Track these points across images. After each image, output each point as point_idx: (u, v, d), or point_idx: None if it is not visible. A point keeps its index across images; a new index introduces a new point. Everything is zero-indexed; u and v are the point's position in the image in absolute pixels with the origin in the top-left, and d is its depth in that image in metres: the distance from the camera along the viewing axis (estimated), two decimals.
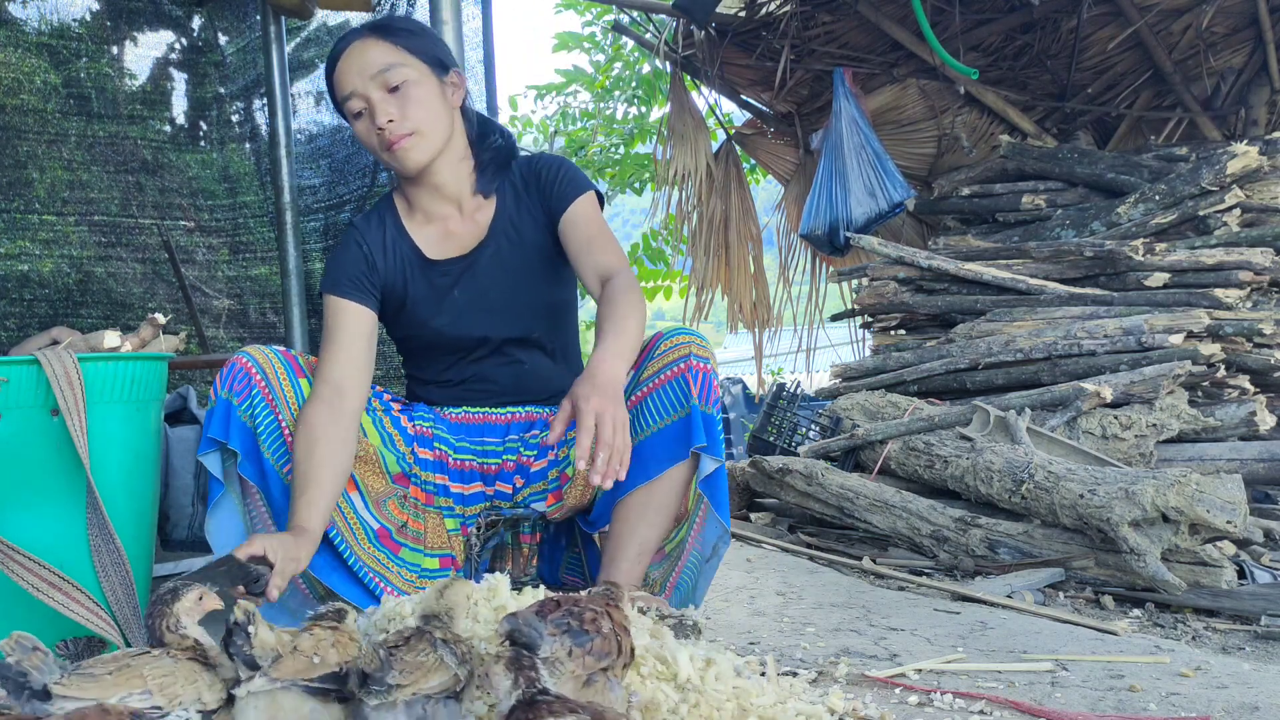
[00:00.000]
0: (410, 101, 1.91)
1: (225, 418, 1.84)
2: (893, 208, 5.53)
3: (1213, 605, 2.43)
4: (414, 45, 1.94)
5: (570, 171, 2.03)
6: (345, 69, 1.92)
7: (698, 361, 1.82)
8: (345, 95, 1.93)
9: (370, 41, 1.92)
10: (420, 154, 1.93)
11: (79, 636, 1.67)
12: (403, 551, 1.94)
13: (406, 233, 2.04)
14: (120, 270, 5.60)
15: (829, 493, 3.27)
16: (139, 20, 5.64)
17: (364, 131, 1.94)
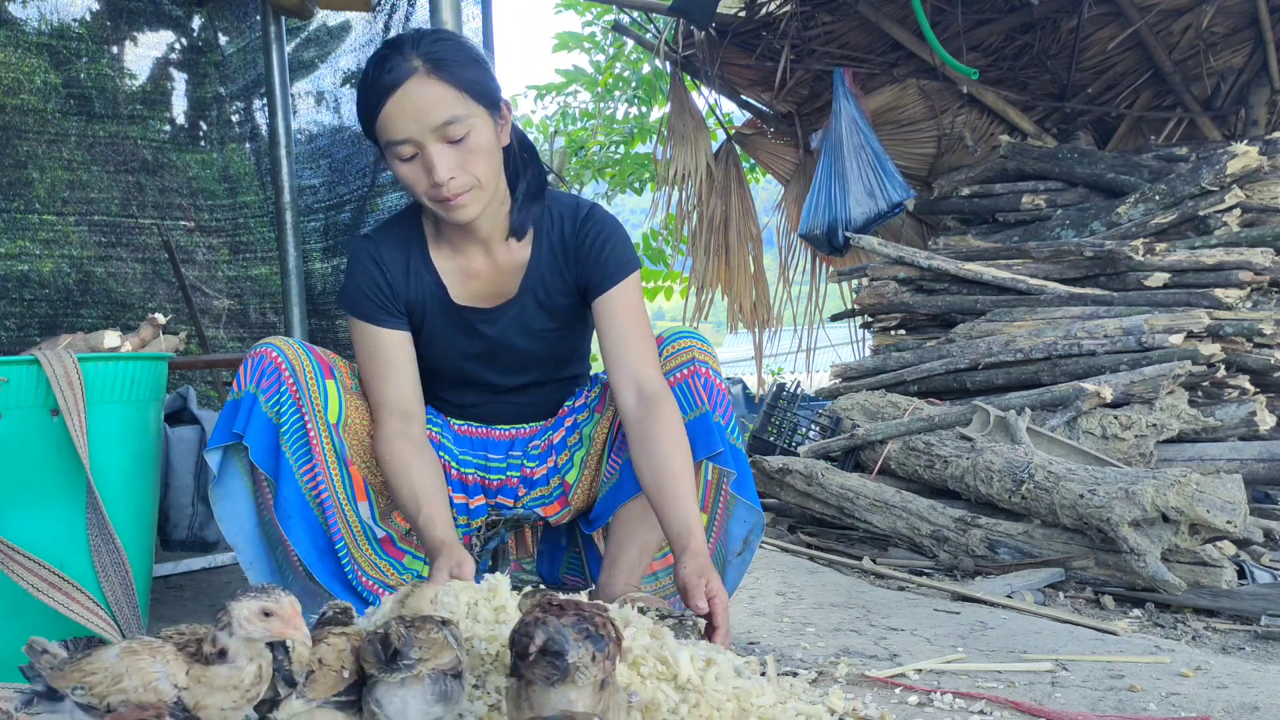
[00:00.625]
0: (471, 155, 1.72)
1: (249, 411, 1.77)
2: (892, 208, 5.53)
3: (1213, 605, 2.43)
4: (474, 85, 1.72)
5: (617, 248, 1.87)
6: (398, 113, 1.69)
7: (702, 367, 1.81)
8: (397, 140, 1.71)
9: (429, 83, 1.68)
10: (476, 208, 1.76)
11: (79, 636, 1.68)
12: (406, 559, 1.93)
13: (432, 264, 1.89)
14: (120, 270, 5.60)
15: (829, 493, 3.27)
16: (139, 20, 5.64)
17: (410, 175, 1.73)
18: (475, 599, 1.42)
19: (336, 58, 5.53)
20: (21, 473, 1.64)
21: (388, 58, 1.70)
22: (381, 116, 1.69)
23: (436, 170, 1.69)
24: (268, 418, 1.78)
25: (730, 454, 1.80)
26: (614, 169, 9.06)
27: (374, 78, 1.70)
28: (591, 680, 1.09)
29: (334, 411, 1.87)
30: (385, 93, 1.68)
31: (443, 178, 1.69)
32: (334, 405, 1.87)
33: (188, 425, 2.53)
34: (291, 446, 1.79)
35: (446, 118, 1.68)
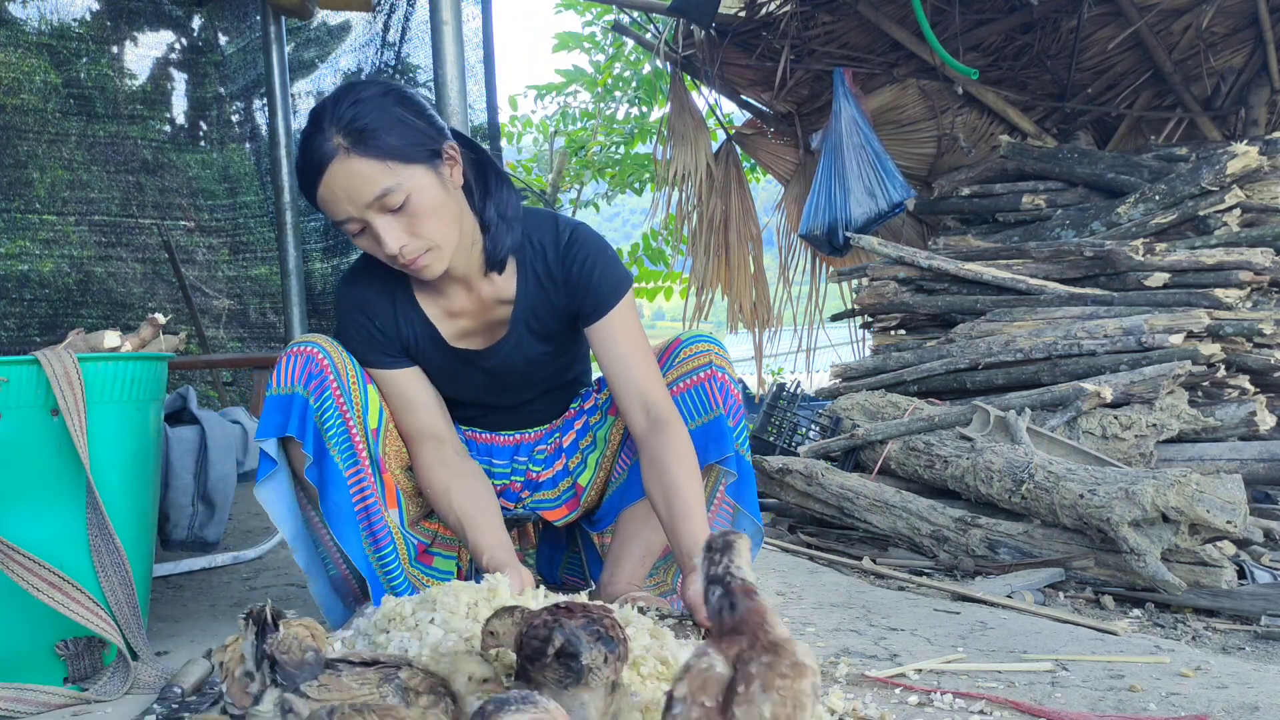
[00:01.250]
0: (417, 219, 1.65)
1: (302, 414, 1.75)
2: (893, 208, 5.53)
3: (1213, 605, 2.43)
4: (402, 149, 1.63)
5: (605, 271, 1.81)
6: (330, 197, 1.64)
7: (719, 372, 1.80)
8: (338, 220, 1.68)
9: (352, 161, 1.61)
10: (440, 265, 1.71)
11: (79, 636, 1.68)
12: (436, 561, 1.93)
13: (419, 307, 1.85)
14: (120, 270, 5.60)
15: (829, 493, 3.27)
16: (139, 20, 5.64)
17: (367, 246, 1.70)
18: (475, 599, 1.42)
19: (336, 58, 5.54)
20: (21, 473, 1.64)
21: (311, 138, 1.64)
22: (318, 200, 1.66)
23: (385, 244, 1.64)
24: (315, 422, 1.76)
25: (736, 459, 1.80)
26: (614, 169, 9.06)
27: (301, 161, 1.66)
28: (604, 682, 1.09)
29: (374, 416, 1.86)
30: (314, 176, 1.64)
31: (393, 250, 1.65)
32: (374, 410, 1.86)
33: (188, 425, 2.52)
34: (340, 452, 1.77)
35: (378, 192, 1.61)
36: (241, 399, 5.42)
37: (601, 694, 1.09)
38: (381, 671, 1.12)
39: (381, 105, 1.64)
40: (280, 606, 2.24)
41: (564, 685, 1.08)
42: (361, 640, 1.44)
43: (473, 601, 1.41)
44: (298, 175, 1.67)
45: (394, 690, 1.10)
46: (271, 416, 1.76)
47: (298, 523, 1.86)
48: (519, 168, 9.28)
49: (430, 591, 1.47)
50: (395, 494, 1.89)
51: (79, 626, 1.63)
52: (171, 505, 2.40)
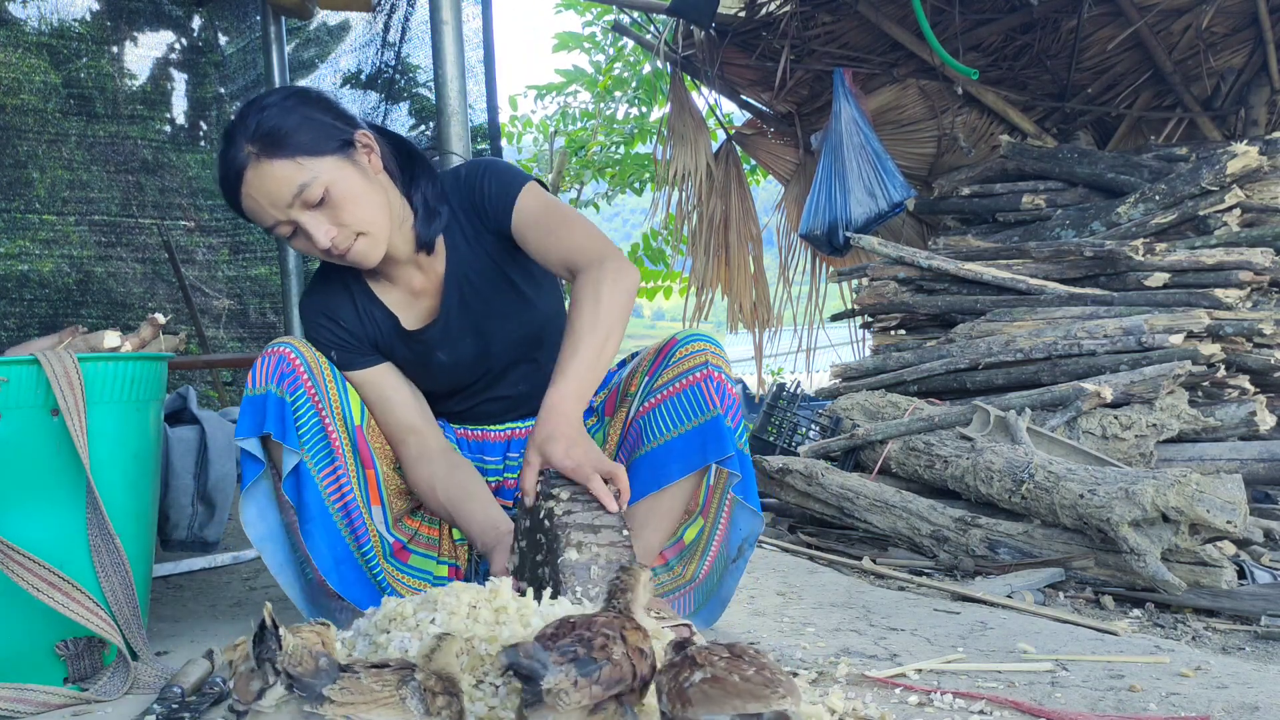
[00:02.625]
0: (340, 208, 1.70)
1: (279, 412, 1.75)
2: (893, 208, 5.53)
3: (1213, 605, 2.43)
4: (311, 143, 1.68)
5: (499, 177, 1.84)
6: (254, 205, 1.71)
7: (715, 371, 1.79)
8: (268, 226, 1.73)
9: (263, 166, 1.66)
10: (376, 251, 1.76)
11: (79, 636, 1.68)
12: (413, 559, 1.93)
13: (377, 299, 1.90)
14: (120, 270, 5.60)
15: (829, 493, 3.27)
16: (139, 20, 5.64)
17: (302, 247, 1.75)
18: (476, 600, 1.42)
19: (336, 58, 5.54)
20: (21, 473, 1.64)
21: (224, 154, 1.70)
22: (244, 211, 1.72)
23: (316, 239, 1.69)
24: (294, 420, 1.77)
25: (739, 458, 1.80)
26: (614, 169, 9.06)
27: (220, 178, 1.71)
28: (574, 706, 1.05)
29: (356, 413, 1.87)
30: (234, 188, 1.70)
31: (324, 243, 1.70)
32: (355, 406, 1.87)
33: (188, 425, 2.52)
34: (311, 450, 1.78)
35: (295, 190, 1.67)
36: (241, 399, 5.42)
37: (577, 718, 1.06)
38: (399, 673, 1.11)
39: (284, 107, 1.70)
40: (279, 608, 2.24)
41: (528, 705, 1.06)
42: (362, 641, 1.44)
43: (474, 602, 1.41)
44: (222, 194, 1.73)
45: (412, 692, 1.09)
46: (247, 417, 1.77)
47: (273, 525, 1.86)
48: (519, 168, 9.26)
49: (432, 592, 1.47)
50: (379, 491, 1.89)
51: (79, 626, 1.63)
52: (171, 505, 2.40)
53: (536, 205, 1.81)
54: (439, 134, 3.38)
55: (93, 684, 1.65)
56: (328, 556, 1.80)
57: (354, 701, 1.05)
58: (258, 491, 1.82)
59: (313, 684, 1.04)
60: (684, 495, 1.85)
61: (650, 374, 1.85)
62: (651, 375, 1.85)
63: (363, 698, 1.06)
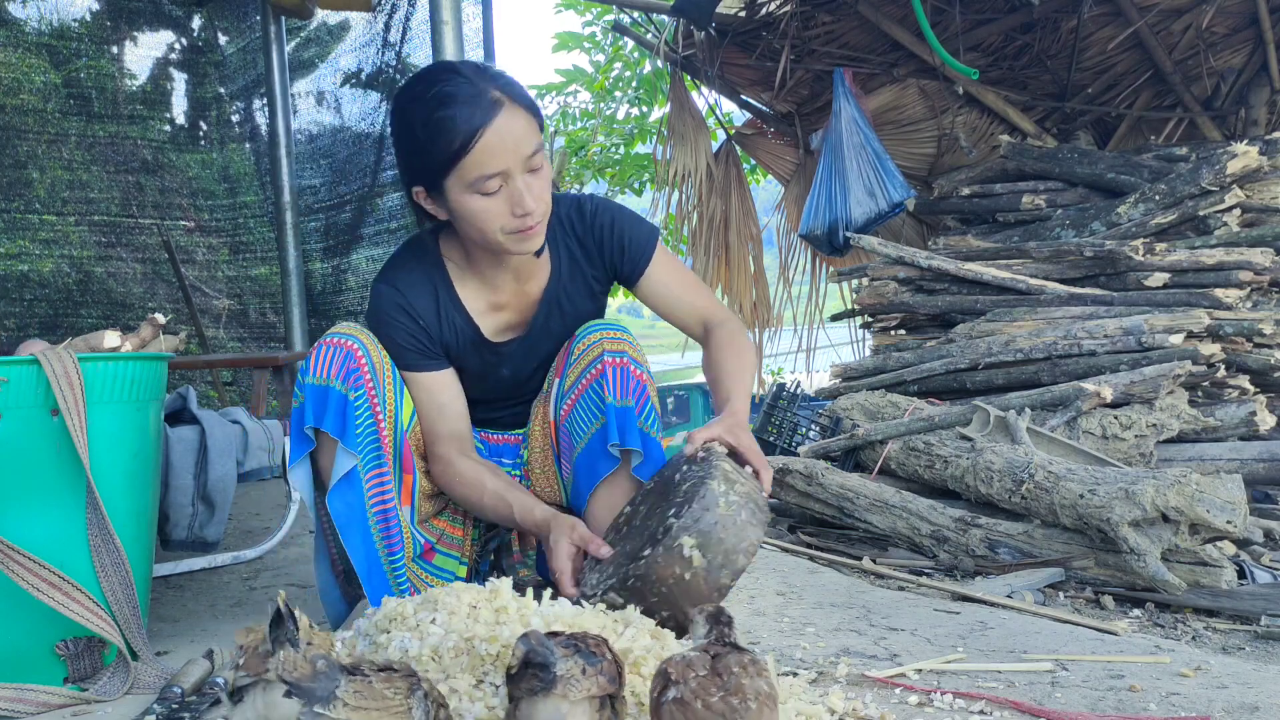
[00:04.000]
0: (544, 183, 1.71)
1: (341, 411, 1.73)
2: (893, 208, 5.53)
3: (1213, 605, 2.43)
4: (539, 114, 1.74)
5: (632, 228, 1.90)
6: (496, 146, 1.64)
7: (610, 358, 1.80)
8: (489, 174, 1.65)
9: (517, 113, 1.67)
10: (541, 240, 1.76)
11: (79, 636, 1.68)
12: (436, 558, 1.93)
13: (463, 306, 1.86)
14: (120, 270, 5.60)
15: (829, 493, 3.27)
16: (139, 20, 5.64)
17: (492, 209, 1.68)
18: (477, 600, 1.42)
19: (336, 57, 5.53)
20: (21, 473, 1.64)
21: (461, 94, 1.65)
22: (477, 151, 1.63)
23: (527, 200, 1.67)
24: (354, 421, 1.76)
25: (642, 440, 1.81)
26: (614, 169, 9.06)
27: (452, 118, 1.63)
28: (584, 694, 1.07)
29: (406, 417, 1.85)
30: (477, 128, 1.63)
31: (533, 207, 1.67)
32: (406, 410, 1.85)
33: (188, 425, 2.52)
34: (363, 453, 1.77)
35: (534, 147, 1.68)
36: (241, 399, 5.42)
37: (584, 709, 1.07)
38: (408, 680, 1.10)
39: (509, 76, 1.72)
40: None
41: (536, 693, 1.06)
42: (362, 640, 1.44)
43: (474, 602, 1.41)
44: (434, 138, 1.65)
45: (419, 701, 1.09)
46: (307, 407, 1.76)
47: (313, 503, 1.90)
48: None
49: (432, 592, 1.47)
50: (411, 491, 1.89)
51: (79, 626, 1.63)
52: (171, 505, 2.40)
53: (669, 268, 1.93)
54: None
55: (93, 684, 1.65)
56: (363, 559, 1.79)
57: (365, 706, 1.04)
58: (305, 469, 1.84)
59: (313, 688, 1.03)
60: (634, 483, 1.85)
61: (560, 375, 1.88)
62: (561, 376, 1.88)
63: (375, 703, 1.05)
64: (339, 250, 5.38)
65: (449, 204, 1.71)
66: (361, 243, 5.27)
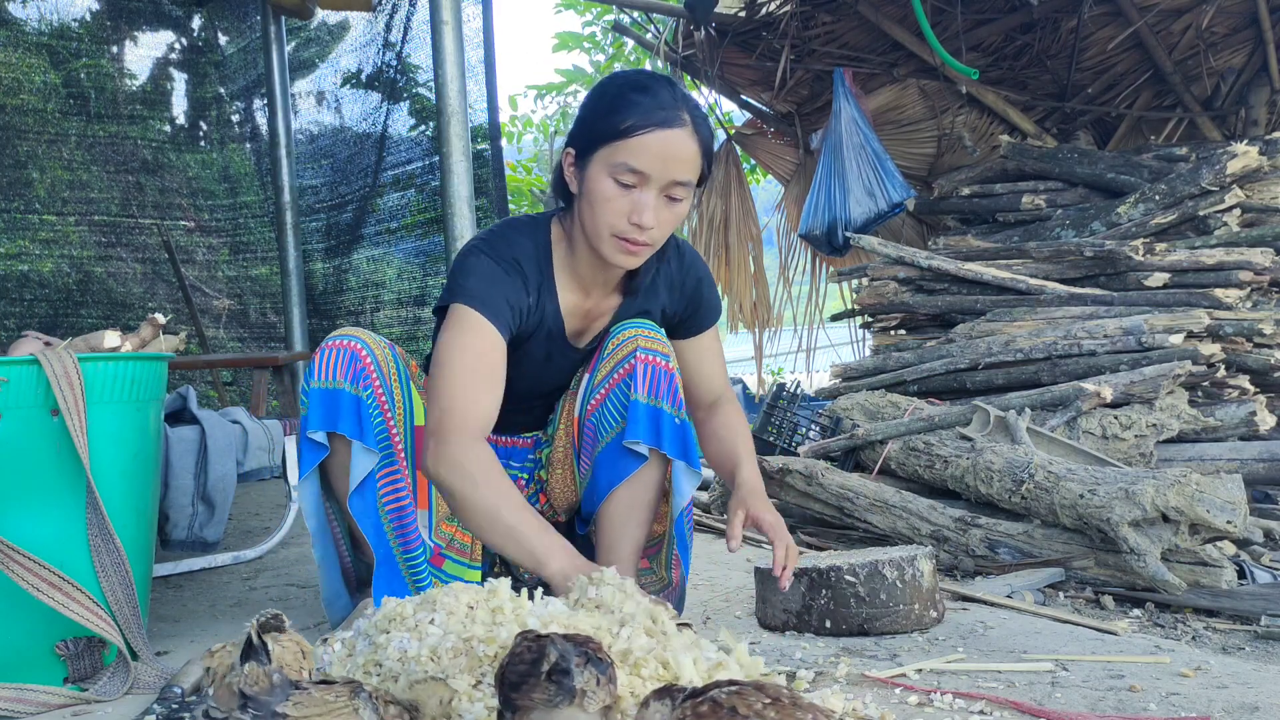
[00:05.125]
0: (674, 218, 1.72)
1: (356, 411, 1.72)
2: (892, 208, 5.53)
3: (1213, 605, 2.43)
4: (709, 156, 1.75)
5: (711, 295, 1.99)
6: (657, 149, 1.65)
7: (642, 355, 1.80)
8: (634, 168, 1.65)
9: (693, 141, 1.69)
10: (636, 263, 1.76)
11: (79, 636, 1.68)
12: (446, 565, 1.92)
13: (556, 296, 1.83)
14: (120, 270, 5.60)
15: (829, 493, 3.26)
16: (139, 20, 5.65)
17: (614, 199, 1.67)
18: (475, 600, 1.42)
19: (337, 57, 5.54)
20: (21, 473, 1.64)
21: (659, 93, 1.68)
22: (638, 140, 1.64)
23: (646, 215, 1.67)
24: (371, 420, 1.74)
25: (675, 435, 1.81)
26: None
27: (641, 102, 1.66)
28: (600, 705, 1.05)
29: (418, 412, 1.84)
30: (656, 124, 1.65)
31: (648, 223, 1.67)
32: (417, 405, 1.85)
33: (188, 425, 2.52)
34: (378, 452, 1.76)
35: (685, 178, 1.69)
36: (241, 399, 5.42)
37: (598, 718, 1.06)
38: (349, 686, 1.12)
39: (704, 115, 1.76)
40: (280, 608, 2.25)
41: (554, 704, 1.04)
42: (362, 641, 1.44)
43: (472, 603, 1.41)
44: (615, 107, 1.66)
45: (364, 702, 1.11)
46: (319, 410, 1.75)
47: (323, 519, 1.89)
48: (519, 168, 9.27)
49: (431, 592, 1.46)
50: (428, 493, 1.88)
51: (79, 626, 1.63)
52: (171, 505, 2.40)
53: (714, 343, 2.03)
54: (439, 134, 3.39)
55: (93, 684, 1.65)
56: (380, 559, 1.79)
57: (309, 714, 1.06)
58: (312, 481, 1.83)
59: (268, 701, 1.06)
60: (654, 486, 1.85)
61: (590, 370, 1.88)
62: (591, 372, 1.88)
63: (317, 710, 1.07)
64: (340, 250, 5.39)
65: (585, 176, 1.70)
66: (362, 243, 5.28)
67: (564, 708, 1.04)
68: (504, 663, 1.09)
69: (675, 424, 1.80)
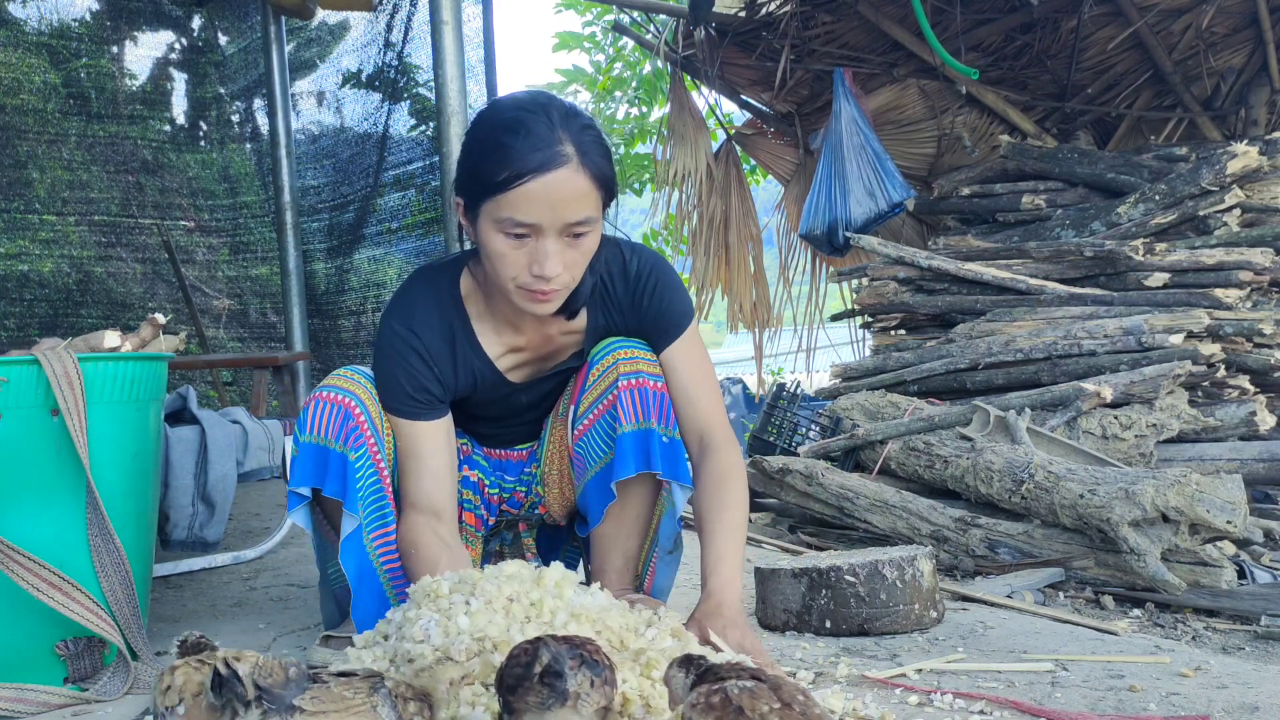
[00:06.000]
0: (581, 256, 1.61)
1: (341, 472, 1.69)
2: (892, 208, 5.53)
3: (1213, 605, 2.43)
4: (608, 185, 1.61)
5: (673, 300, 1.80)
6: (538, 197, 1.53)
7: (625, 381, 1.76)
8: (521, 221, 1.55)
9: (578, 177, 1.55)
10: (551, 309, 1.66)
11: (79, 636, 1.68)
12: None
13: (482, 351, 1.78)
14: (120, 270, 5.60)
15: (829, 493, 3.26)
16: (139, 20, 5.65)
17: (509, 255, 1.58)
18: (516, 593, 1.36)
19: (338, 57, 5.54)
20: (21, 473, 1.64)
21: (533, 130, 1.54)
22: (516, 192, 1.53)
23: (548, 265, 1.56)
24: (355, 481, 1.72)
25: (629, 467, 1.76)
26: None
27: (514, 148, 1.53)
28: (594, 708, 1.05)
29: None
30: (531, 171, 1.52)
31: (551, 273, 1.57)
32: None
33: (188, 425, 2.52)
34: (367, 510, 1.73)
35: (582, 217, 1.56)
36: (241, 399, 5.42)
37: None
38: (369, 680, 1.10)
39: (597, 135, 1.61)
40: (280, 608, 2.25)
41: (547, 707, 1.04)
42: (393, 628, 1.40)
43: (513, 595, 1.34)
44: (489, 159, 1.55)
45: (383, 699, 1.08)
46: (306, 465, 1.72)
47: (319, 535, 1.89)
48: None
49: (472, 574, 1.40)
50: None
51: (79, 626, 1.63)
52: (171, 505, 2.40)
53: (695, 350, 1.82)
54: (439, 134, 3.39)
55: (93, 684, 1.65)
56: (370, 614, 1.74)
57: (325, 710, 1.03)
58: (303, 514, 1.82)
59: (283, 695, 1.03)
60: (645, 496, 1.84)
61: (575, 400, 1.84)
62: (576, 402, 1.84)
63: (334, 705, 1.04)
64: (342, 250, 5.39)
65: (477, 230, 1.62)
66: (364, 243, 5.28)
67: (556, 709, 1.04)
68: (502, 666, 1.09)
69: (664, 442, 1.76)
